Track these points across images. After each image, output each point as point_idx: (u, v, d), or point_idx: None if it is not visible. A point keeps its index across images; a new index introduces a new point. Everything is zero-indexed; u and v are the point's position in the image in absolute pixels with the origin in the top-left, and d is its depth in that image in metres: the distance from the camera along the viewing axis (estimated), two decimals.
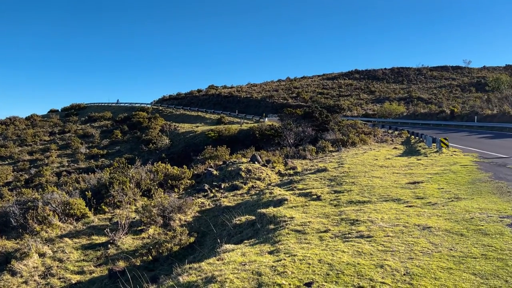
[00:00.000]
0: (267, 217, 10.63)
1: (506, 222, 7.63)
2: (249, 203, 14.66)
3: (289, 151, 27.66)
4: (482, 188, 11.39)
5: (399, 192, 11.94)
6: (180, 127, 58.98)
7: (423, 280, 5.20)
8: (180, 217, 14.56)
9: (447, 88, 76.75)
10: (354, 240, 7.27)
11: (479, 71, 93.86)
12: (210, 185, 18.67)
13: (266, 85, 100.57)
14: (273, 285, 5.36)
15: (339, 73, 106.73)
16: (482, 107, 46.81)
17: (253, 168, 19.99)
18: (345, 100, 75.33)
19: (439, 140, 22.91)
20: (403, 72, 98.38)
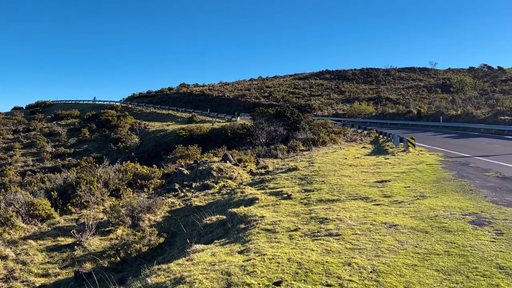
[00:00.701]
0: (238, 216, 10.61)
1: (468, 220, 7.92)
2: (220, 203, 14.61)
3: (261, 150, 27.74)
4: (446, 186, 11.77)
5: (367, 190, 12.18)
6: (151, 125, 58.11)
7: (389, 277, 5.32)
8: (150, 217, 14.34)
9: (414, 89, 78.90)
10: (323, 239, 7.36)
11: (444, 72, 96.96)
12: (180, 184, 18.48)
13: (238, 84, 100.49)
14: (242, 285, 5.36)
15: (310, 73, 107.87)
16: (447, 108, 48.39)
17: (224, 168, 19.92)
18: (316, 100, 76.20)
19: (406, 139, 23.52)
20: (372, 72, 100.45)
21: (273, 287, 5.24)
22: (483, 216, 8.15)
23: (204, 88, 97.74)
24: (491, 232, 7.05)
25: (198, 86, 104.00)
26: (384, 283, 5.14)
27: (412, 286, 5.02)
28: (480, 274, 5.30)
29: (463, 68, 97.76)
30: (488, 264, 5.60)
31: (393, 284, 5.09)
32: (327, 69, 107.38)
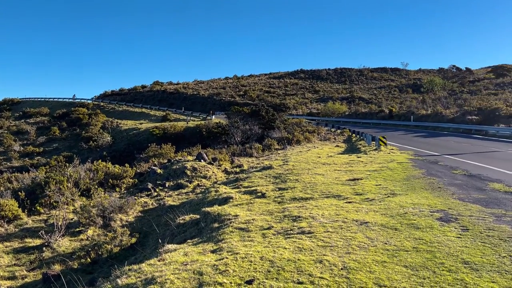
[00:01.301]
0: (212, 215, 10.57)
1: (436, 216, 8.14)
2: (194, 202, 14.52)
3: (236, 149, 27.73)
4: (416, 184, 12.07)
5: (340, 188, 12.35)
6: (123, 124, 57.08)
7: (359, 273, 5.41)
8: (122, 217, 14.11)
9: (386, 89, 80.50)
10: (296, 236, 7.41)
11: (415, 73, 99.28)
12: (153, 184, 18.25)
13: (213, 83, 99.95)
14: (214, 284, 5.34)
15: (285, 72, 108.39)
16: (417, 107, 49.62)
17: (199, 166, 19.80)
18: (291, 99, 76.68)
19: (378, 138, 23.98)
20: (346, 72, 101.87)
21: (245, 285, 5.24)
22: (450, 213, 8.39)
23: (179, 86, 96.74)
24: (457, 228, 7.27)
25: (172, 84, 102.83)
26: (354, 279, 5.22)
27: (381, 282, 5.12)
28: (446, 269, 5.46)
29: (433, 68, 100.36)
30: (454, 260, 5.77)
31: (362, 281, 5.17)
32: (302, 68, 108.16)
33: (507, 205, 9.08)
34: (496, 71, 74.98)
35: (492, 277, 5.16)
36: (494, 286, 4.91)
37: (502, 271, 5.34)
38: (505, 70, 73.99)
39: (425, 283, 5.06)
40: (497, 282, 5.01)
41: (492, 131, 31.53)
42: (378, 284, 5.07)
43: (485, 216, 8.02)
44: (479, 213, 8.27)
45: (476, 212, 8.36)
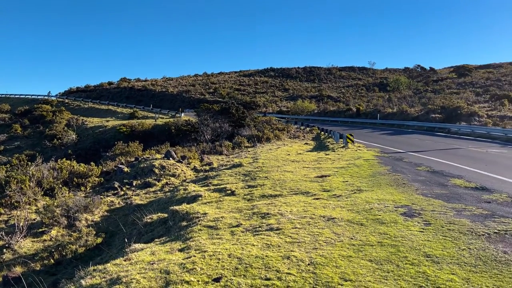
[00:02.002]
0: (180, 214, 10.46)
1: (400, 212, 8.36)
2: (162, 201, 14.32)
3: (206, 147, 27.56)
4: (381, 180, 12.36)
5: (308, 185, 12.48)
6: (89, 121, 55.62)
7: (325, 268, 5.48)
8: (87, 217, 13.75)
9: (354, 88, 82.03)
10: (264, 233, 7.43)
11: (382, 72, 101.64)
12: (120, 182, 17.87)
13: (182, 80, 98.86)
14: (181, 282, 5.28)
15: (255, 70, 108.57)
16: (384, 106, 50.85)
17: (167, 165, 19.54)
18: (261, 97, 76.89)
19: (345, 136, 24.41)
20: (315, 71, 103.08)
21: (212, 283, 5.21)
22: (414, 208, 8.64)
23: (147, 83, 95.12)
24: (420, 223, 7.49)
25: (140, 81, 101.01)
26: (321, 274, 5.29)
27: (347, 277, 5.21)
28: (409, 262, 5.61)
29: (399, 68, 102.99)
30: (417, 253, 5.94)
31: (329, 276, 5.25)
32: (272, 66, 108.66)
33: (467, 200, 9.43)
34: (458, 71, 77.78)
35: (452, 269, 5.34)
36: (453, 277, 5.09)
37: (461, 263, 5.54)
38: (467, 70, 76.87)
39: (388, 277, 5.19)
40: (457, 274, 5.20)
41: (454, 129, 32.72)
42: (343, 279, 5.15)
43: (446, 211, 8.30)
44: (441, 208, 8.55)
45: (438, 207, 8.64)
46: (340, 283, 5.04)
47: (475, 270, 5.32)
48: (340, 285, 4.99)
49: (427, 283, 4.96)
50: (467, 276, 5.13)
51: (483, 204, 8.93)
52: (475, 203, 9.01)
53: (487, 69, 78.18)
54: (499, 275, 5.16)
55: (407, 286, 4.91)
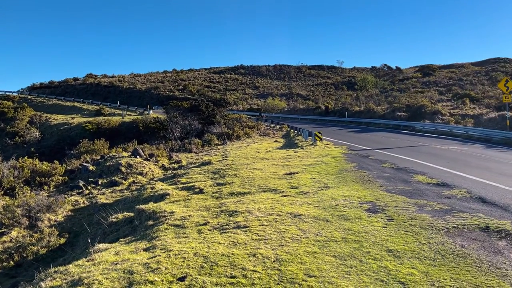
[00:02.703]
0: (146, 213, 10.29)
1: (365, 208, 8.55)
2: (129, 200, 14.06)
3: (175, 145, 27.23)
4: (348, 177, 12.59)
5: (277, 182, 12.56)
6: (53, 118, 53.85)
7: (290, 265, 5.53)
8: (50, 217, 13.32)
9: (323, 86, 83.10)
10: (231, 231, 7.42)
11: (350, 71, 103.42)
12: (85, 181, 17.41)
13: (151, 76, 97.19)
14: (145, 282, 5.20)
15: (225, 68, 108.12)
16: (352, 104, 51.76)
17: (134, 163, 19.19)
18: (231, 94, 76.68)
19: (314, 134, 24.71)
20: (285, 69, 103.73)
21: (177, 282, 5.15)
22: (378, 204, 8.85)
23: (114, 79, 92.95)
24: (384, 218, 7.68)
25: (107, 77, 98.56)
26: (286, 271, 5.34)
27: (311, 273, 5.27)
28: (372, 257, 5.74)
29: (366, 67, 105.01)
30: (379, 248, 6.09)
31: (293, 272, 5.30)
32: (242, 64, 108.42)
33: (428, 195, 9.74)
34: (423, 71, 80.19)
35: (413, 263, 5.51)
36: (413, 271, 5.25)
37: (422, 257, 5.72)
38: (431, 69, 79.38)
39: (352, 272, 5.29)
40: (417, 268, 5.36)
41: (419, 127, 33.71)
42: (308, 275, 5.22)
43: (408, 207, 8.55)
44: (404, 204, 8.80)
45: (401, 203, 8.88)
46: (304, 279, 5.10)
47: (434, 263, 5.51)
48: (305, 281, 5.05)
49: (388, 278, 5.09)
50: (426, 270, 5.30)
51: (444, 200, 9.25)
52: (436, 199, 9.32)
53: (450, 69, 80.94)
54: (456, 268, 5.36)
55: (369, 280, 5.03)
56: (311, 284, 4.94)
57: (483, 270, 5.29)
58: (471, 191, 10.06)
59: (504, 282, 4.96)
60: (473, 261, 5.59)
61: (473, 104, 40.15)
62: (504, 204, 8.81)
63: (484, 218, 7.60)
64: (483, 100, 40.49)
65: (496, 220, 7.51)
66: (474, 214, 7.92)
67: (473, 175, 12.47)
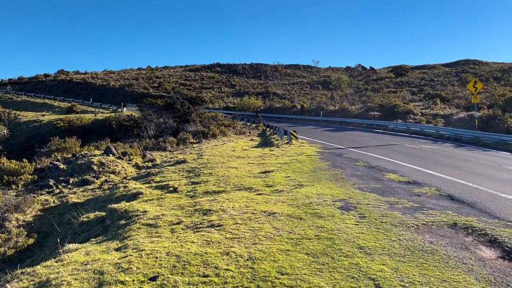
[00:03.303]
0: (119, 212, 10.12)
1: (337, 205, 8.66)
2: (101, 199, 13.78)
3: (149, 143, 26.84)
4: (322, 175, 12.72)
5: (252, 181, 12.57)
6: (22, 115, 52.19)
7: (263, 263, 5.54)
8: (18, 217, 12.90)
9: (299, 85, 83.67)
10: (205, 230, 7.38)
11: (325, 70, 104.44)
12: (56, 180, 16.95)
13: (125, 73, 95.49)
14: (116, 283, 5.10)
15: (201, 66, 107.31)
16: (326, 103, 52.32)
17: (107, 161, 18.81)
18: (207, 92, 76.23)
19: (289, 132, 24.85)
20: (261, 68, 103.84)
21: (148, 282, 5.08)
22: (350, 201, 8.98)
23: (87, 76, 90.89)
24: (356, 216, 7.80)
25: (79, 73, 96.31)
26: (259, 269, 5.35)
27: (284, 270, 5.30)
28: (344, 255, 5.82)
29: (341, 67, 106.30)
30: (351, 245, 6.18)
31: (266, 270, 5.31)
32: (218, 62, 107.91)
33: (399, 193, 9.96)
34: (396, 71, 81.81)
35: (383, 260, 5.61)
36: (383, 268, 5.35)
37: (392, 254, 5.84)
38: (404, 70, 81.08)
39: (324, 269, 5.35)
40: (387, 264, 5.47)
41: (391, 126, 34.39)
42: (280, 272, 5.24)
43: (380, 204, 8.71)
44: (375, 202, 8.96)
45: (373, 201, 9.04)
46: (277, 277, 5.12)
47: (404, 260, 5.63)
48: (277, 279, 5.07)
49: (359, 274, 5.17)
50: (396, 266, 5.41)
51: (414, 197, 9.47)
52: (407, 197, 9.53)
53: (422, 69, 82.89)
54: (425, 264, 5.50)
55: (341, 277, 5.09)
56: (283, 282, 4.97)
57: (450, 266, 5.44)
58: (440, 189, 10.34)
59: (470, 277, 5.12)
60: (441, 257, 5.74)
61: (443, 104, 41.24)
62: (472, 201, 9.09)
63: (452, 215, 7.83)
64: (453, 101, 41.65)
65: (464, 217, 7.74)
66: (443, 211, 8.14)
67: (443, 173, 12.82)
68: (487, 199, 9.30)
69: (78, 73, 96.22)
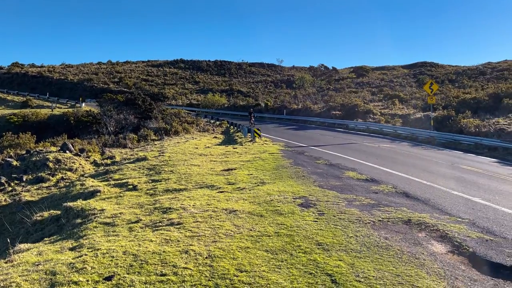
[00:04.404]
0: (75, 210, 9.80)
1: (298, 202, 8.77)
2: (56, 197, 13.29)
3: (108, 140, 26.14)
4: (283, 173, 12.84)
5: (214, 179, 12.51)
6: None
7: (222, 261, 5.53)
8: None
9: (263, 84, 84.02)
10: (164, 228, 7.27)
11: (289, 69, 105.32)
12: (8, 177, 16.16)
13: (84, 67, 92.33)
14: (68, 283, 4.93)
15: (164, 61, 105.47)
16: (290, 102, 52.84)
17: (63, 158, 18.14)
18: (170, 88, 75.07)
19: (253, 130, 24.91)
20: (226, 65, 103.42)
21: (103, 282, 4.94)
22: (310, 199, 9.12)
23: (43, 69, 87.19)
24: (315, 213, 7.93)
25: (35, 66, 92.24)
26: (218, 267, 5.32)
27: (243, 268, 5.31)
28: (302, 251, 5.90)
29: (304, 66, 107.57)
30: (309, 242, 6.27)
31: (225, 267, 5.30)
32: (181, 58, 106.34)
33: (358, 190, 10.21)
34: (357, 71, 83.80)
35: (340, 256, 5.74)
36: (340, 263, 5.47)
37: (348, 250, 5.97)
38: (364, 71, 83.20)
39: (282, 266, 5.40)
40: (343, 260, 5.59)
41: (352, 125, 35.21)
42: (239, 270, 5.24)
43: (339, 201, 8.89)
44: (335, 199, 9.14)
45: (332, 198, 9.22)
46: (235, 274, 5.12)
47: (360, 255, 5.78)
48: (236, 276, 5.06)
49: (317, 270, 5.26)
50: (352, 262, 5.54)
51: (372, 195, 9.74)
52: (365, 194, 9.79)
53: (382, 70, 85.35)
54: (380, 259, 5.67)
55: (299, 273, 5.16)
56: (242, 279, 4.97)
57: (404, 261, 5.64)
58: (396, 187, 10.69)
59: (422, 271, 5.32)
60: (395, 252, 5.94)
61: (402, 104, 42.62)
62: (425, 198, 9.46)
63: (407, 212, 8.11)
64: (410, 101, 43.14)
65: (418, 213, 8.04)
66: (398, 208, 8.42)
67: (400, 171, 13.27)
68: (440, 196, 9.71)
69: (34, 66, 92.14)
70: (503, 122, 25.22)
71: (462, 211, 8.36)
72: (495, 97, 30.99)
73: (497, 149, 20.35)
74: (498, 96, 30.93)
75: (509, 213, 8.32)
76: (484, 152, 20.26)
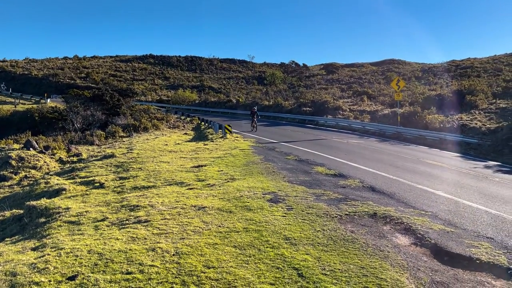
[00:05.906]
0: (38, 209, 9.49)
1: (267, 198, 8.81)
2: (19, 196, 12.85)
3: (75, 137, 25.46)
4: (254, 169, 12.87)
5: (184, 175, 12.40)
6: None
7: (190, 258, 5.49)
8: None
9: (235, 80, 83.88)
10: (131, 226, 7.16)
11: (260, 66, 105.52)
12: None
13: (49, 62, 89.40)
14: (30, 284, 4.78)
15: (133, 56, 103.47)
16: (261, 98, 52.98)
17: (27, 156, 17.53)
18: (139, 84, 73.80)
19: (224, 126, 24.83)
20: (196, 61, 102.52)
21: (66, 282, 4.82)
22: (279, 194, 9.19)
23: (5, 63, 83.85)
24: (284, 208, 7.99)
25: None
26: (185, 264, 5.29)
27: (210, 264, 5.29)
28: (270, 246, 5.94)
29: (276, 63, 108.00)
30: (277, 237, 6.32)
31: (193, 264, 5.27)
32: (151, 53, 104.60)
33: (326, 185, 10.36)
34: (327, 68, 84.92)
35: (307, 250, 5.81)
36: (307, 257, 5.54)
37: (315, 244, 6.06)
38: (334, 68, 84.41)
39: (250, 261, 5.42)
40: (310, 254, 5.67)
41: (322, 121, 35.66)
42: (207, 266, 5.23)
43: (307, 196, 9.00)
44: (303, 194, 9.25)
45: (301, 193, 9.32)
46: (203, 270, 5.10)
47: (326, 249, 5.87)
48: (203, 272, 5.05)
49: (284, 264, 5.31)
50: (319, 255, 5.63)
51: (339, 189, 9.91)
52: (333, 188, 9.95)
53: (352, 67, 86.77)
54: (346, 252, 5.78)
55: (266, 268, 5.19)
56: (209, 275, 4.96)
57: (369, 253, 5.77)
58: (363, 181, 10.92)
59: (386, 263, 5.46)
60: (361, 245, 6.07)
61: (370, 101, 43.49)
62: (391, 192, 9.71)
63: (373, 206, 8.30)
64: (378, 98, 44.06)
65: (383, 207, 8.24)
66: (365, 202, 8.60)
67: (367, 166, 13.55)
68: (405, 190, 9.99)
69: None
70: (465, 118, 26.19)
71: (426, 204, 8.63)
72: (459, 93, 32.08)
73: (460, 144, 21.11)
74: (461, 93, 32.03)
75: (469, 205, 8.66)
76: (448, 147, 20.97)
